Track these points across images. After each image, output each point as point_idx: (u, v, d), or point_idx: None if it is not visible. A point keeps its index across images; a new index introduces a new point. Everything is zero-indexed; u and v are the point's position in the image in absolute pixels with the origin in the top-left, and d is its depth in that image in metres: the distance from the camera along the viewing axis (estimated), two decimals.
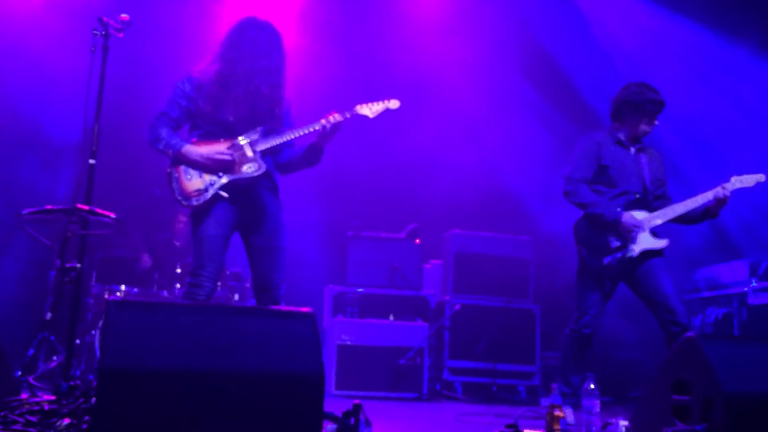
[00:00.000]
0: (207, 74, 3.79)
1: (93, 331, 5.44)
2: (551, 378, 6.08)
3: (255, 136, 3.77)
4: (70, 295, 3.76)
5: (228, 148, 3.71)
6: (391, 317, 6.16)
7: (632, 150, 4.46)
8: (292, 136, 3.80)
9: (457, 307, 6.32)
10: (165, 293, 5.75)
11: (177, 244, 6.31)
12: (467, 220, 6.83)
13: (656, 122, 4.41)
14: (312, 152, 3.94)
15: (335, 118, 3.79)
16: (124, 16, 3.88)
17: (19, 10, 6.39)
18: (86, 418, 2.83)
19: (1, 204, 5.89)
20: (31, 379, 4.15)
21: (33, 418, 2.91)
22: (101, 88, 3.65)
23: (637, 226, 4.25)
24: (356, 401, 3.23)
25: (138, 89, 5.95)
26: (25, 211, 4.13)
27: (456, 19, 7.23)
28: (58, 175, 6.26)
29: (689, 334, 3.17)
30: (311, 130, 3.79)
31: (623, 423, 3.90)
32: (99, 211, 3.72)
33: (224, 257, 3.74)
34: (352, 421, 3.14)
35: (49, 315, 4.15)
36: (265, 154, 3.79)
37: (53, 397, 3.22)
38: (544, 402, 5.72)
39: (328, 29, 6.87)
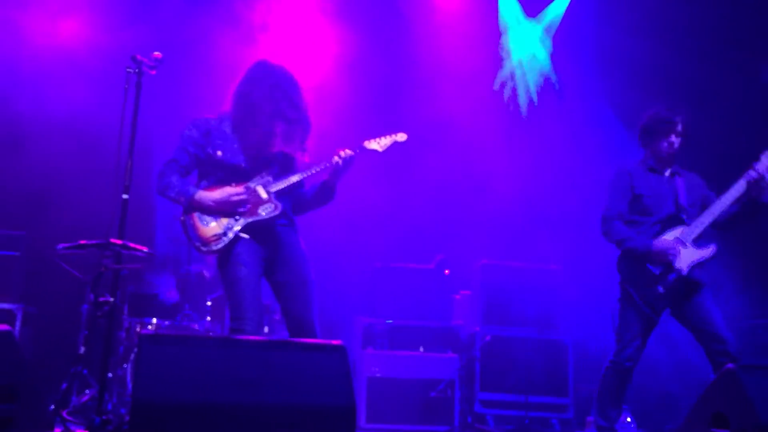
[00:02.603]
0: (218, 119, 3.79)
1: (125, 365, 5.47)
2: (586, 411, 5.96)
3: (268, 178, 3.76)
4: (102, 329, 3.78)
5: (241, 192, 3.67)
6: (421, 349, 6.11)
7: (666, 175, 4.41)
8: (306, 175, 3.79)
9: (488, 338, 6.26)
10: (196, 326, 5.78)
11: (206, 275, 6.36)
12: (497, 250, 6.79)
13: (676, 140, 4.34)
14: (324, 190, 3.93)
15: (346, 153, 3.79)
16: (157, 54, 3.96)
17: (54, 45, 6.55)
18: None
19: (36, 238, 5.99)
20: (64, 414, 4.18)
21: None
22: (134, 125, 3.71)
23: (671, 248, 4.16)
24: None
25: (170, 124, 6.05)
26: (59, 246, 4.20)
27: (485, 43, 7.27)
28: (90, 210, 6.35)
29: (729, 366, 3.10)
30: (323, 167, 3.80)
31: None
32: (132, 245, 3.77)
33: (260, 297, 3.67)
34: None
35: (82, 349, 4.19)
36: (280, 195, 3.77)
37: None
38: None
39: (359, 67, 6.94)
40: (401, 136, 4.04)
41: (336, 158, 3.78)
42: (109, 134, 4.19)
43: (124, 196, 3.62)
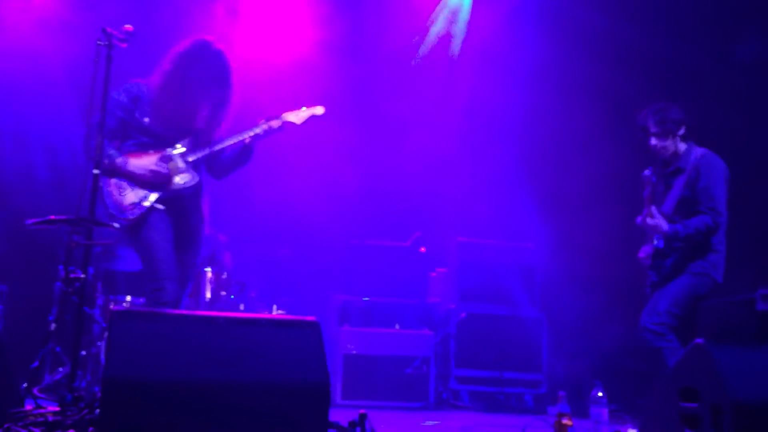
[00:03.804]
0: (149, 86, 3.91)
1: (99, 343, 5.43)
2: (558, 386, 6.03)
3: (185, 147, 3.91)
4: (74, 305, 3.74)
5: (160, 160, 3.83)
6: (397, 326, 6.13)
7: (668, 172, 4.45)
8: (222, 146, 3.96)
9: (463, 315, 6.30)
10: None
11: None
12: (473, 228, 6.81)
13: (656, 142, 4.39)
14: (243, 153, 4.10)
15: (265, 126, 4.00)
16: (128, 26, 3.88)
17: (21, 21, 6.41)
18: (90, 429, 2.82)
19: (6, 213, 5.90)
20: (36, 391, 4.14)
21: (37, 430, 2.89)
22: (105, 98, 3.65)
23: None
24: (362, 411, 3.21)
25: None
26: (29, 221, 4.12)
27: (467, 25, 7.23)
28: (63, 185, 6.26)
29: (698, 340, 3.14)
30: (240, 139, 3.98)
31: (632, 431, 3.88)
32: (102, 220, 3.71)
33: (176, 261, 3.83)
34: (358, 430, 3.13)
35: (53, 326, 4.14)
36: (197, 165, 3.93)
37: (57, 409, 3.21)
38: (551, 411, 5.68)
39: (334, 45, 6.89)
40: (319, 110, 4.21)
41: (258, 129, 3.99)
42: (80, 107, 4.13)
43: (95, 171, 3.56)
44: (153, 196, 3.81)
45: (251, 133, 4.00)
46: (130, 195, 3.77)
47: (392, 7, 7.22)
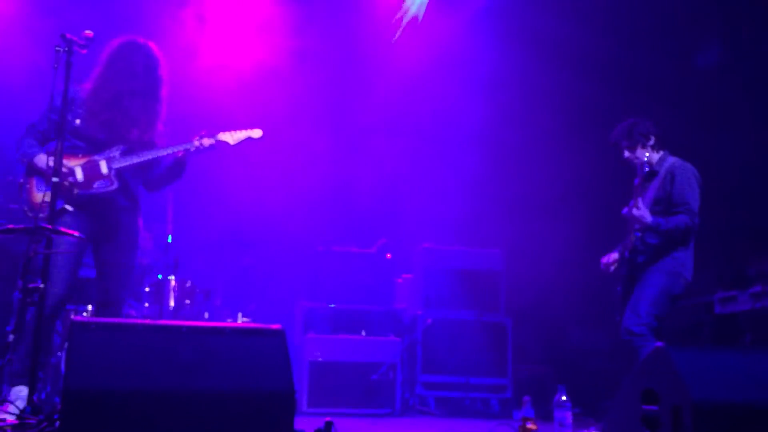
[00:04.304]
0: (82, 90, 3.93)
1: (59, 353, 5.33)
2: (523, 391, 6.08)
3: (114, 154, 3.92)
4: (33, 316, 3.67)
5: (84, 164, 3.83)
6: (363, 333, 6.13)
7: (644, 178, 4.52)
8: (151, 157, 3.98)
9: (429, 321, 6.32)
10: (134, 312, 5.66)
11: (144, 261, 6.23)
12: (438, 234, 6.84)
13: (629, 155, 4.54)
14: (176, 167, 4.12)
15: (197, 143, 4.02)
16: (88, 32, 3.82)
17: None
18: None
19: None
20: None
21: None
22: (64, 106, 3.59)
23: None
24: (328, 419, 3.20)
25: None
26: None
27: (430, 33, 7.27)
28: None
29: (658, 343, 3.19)
30: (172, 153, 4.00)
31: None
32: (63, 230, 3.65)
33: (74, 269, 3.85)
34: None
35: (11, 337, 4.05)
36: (130, 174, 3.97)
37: (16, 422, 3.14)
38: (517, 415, 5.73)
39: (303, 51, 6.88)
40: (256, 133, 4.22)
41: (189, 145, 4.00)
42: (38, 114, 4.07)
43: (54, 179, 3.49)
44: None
45: (182, 148, 4.01)
46: (46, 194, 3.75)
47: (357, 15, 7.24)
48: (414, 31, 7.29)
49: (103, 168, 3.86)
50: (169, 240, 5.84)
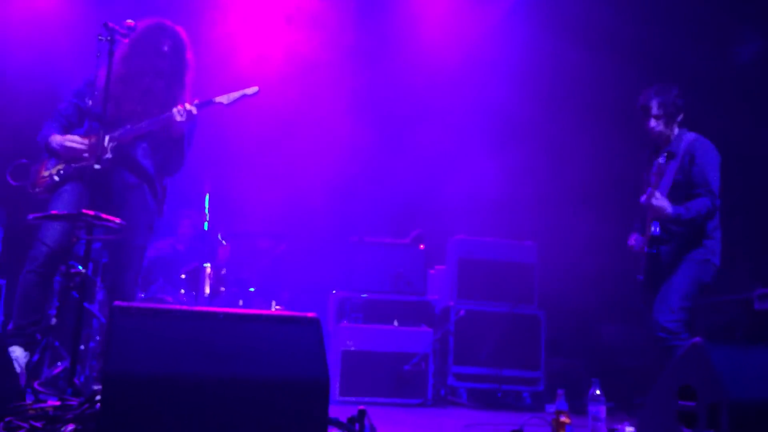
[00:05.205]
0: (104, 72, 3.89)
1: (98, 337, 5.44)
2: (555, 384, 6.06)
3: (118, 131, 3.89)
4: (74, 300, 3.75)
5: (89, 141, 3.82)
6: (396, 323, 6.15)
7: (662, 158, 4.23)
8: (142, 128, 3.89)
9: (462, 312, 6.31)
10: (170, 298, 5.75)
11: (180, 248, 6.31)
12: (472, 226, 6.83)
13: (655, 123, 4.32)
14: (170, 140, 4.03)
15: (186, 108, 3.87)
16: (129, 21, 3.88)
17: (29, 18, 6.42)
18: (91, 424, 2.83)
19: (8, 211, 5.89)
20: (36, 385, 4.14)
21: (38, 424, 2.90)
22: (106, 93, 3.65)
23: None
24: (361, 407, 3.22)
25: None
26: (30, 216, 4.13)
27: (463, 25, 7.23)
28: None
29: (695, 339, 3.16)
30: (156, 122, 3.90)
31: (629, 429, 3.89)
32: (104, 216, 3.72)
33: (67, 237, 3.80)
34: (357, 427, 3.14)
35: (53, 320, 4.14)
36: (129, 149, 3.90)
37: (58, 403, 3.22)
38: (549, 408, 5.70)
39: (335, 43, 6.89)
40: (251, 90, 4.06)
41: (175, 111, 3.87)
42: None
43: (96, 166, 3.56)
44: (59, 167, 3.87)
45: (168, 116, 3.90)
46: (51, 170, 3.87)
47: (401, 12, 7.23)
48: (449, 22, 7.26)
49: (105, 141, 3.84)
50: (206, 228, 5.91)
